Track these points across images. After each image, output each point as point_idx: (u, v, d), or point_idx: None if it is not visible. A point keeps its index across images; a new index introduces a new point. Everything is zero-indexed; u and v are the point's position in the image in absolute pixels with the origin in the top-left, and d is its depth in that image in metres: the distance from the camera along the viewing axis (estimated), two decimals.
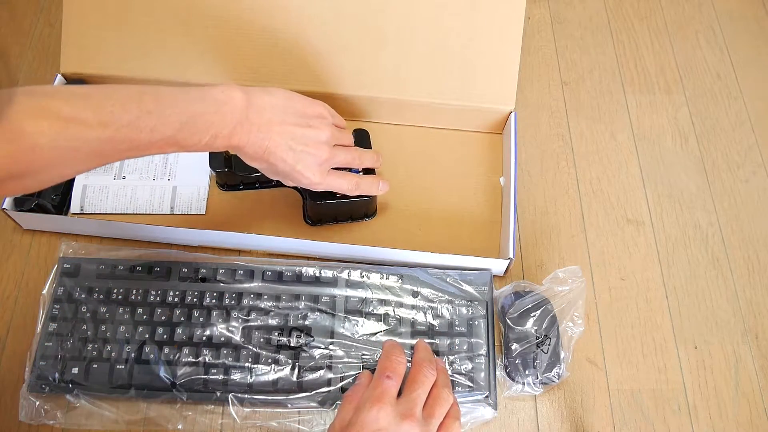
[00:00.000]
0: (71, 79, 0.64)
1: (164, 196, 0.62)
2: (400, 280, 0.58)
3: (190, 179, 0.63)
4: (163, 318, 0.55)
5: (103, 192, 0.62)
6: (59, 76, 0.63)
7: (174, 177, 0.63)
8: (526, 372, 0.55)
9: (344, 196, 0.57)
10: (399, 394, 0.45)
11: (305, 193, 0.59)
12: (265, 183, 0.62)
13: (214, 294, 0.56)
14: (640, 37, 0.79)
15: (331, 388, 0.53)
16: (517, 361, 0.56)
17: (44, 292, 0.57)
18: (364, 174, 0.57)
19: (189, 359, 0.53)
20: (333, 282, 0.57)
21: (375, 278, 0.58)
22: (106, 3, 0.62)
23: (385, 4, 0.62)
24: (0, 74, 0.70)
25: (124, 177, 0.63)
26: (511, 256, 0.57)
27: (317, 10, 0.62)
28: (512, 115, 0.64)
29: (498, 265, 0.59)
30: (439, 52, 0.63)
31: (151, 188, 0.62)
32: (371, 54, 0.63)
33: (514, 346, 0.56)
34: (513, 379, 0.56)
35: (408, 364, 0.47)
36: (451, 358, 0.55)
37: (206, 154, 0.60)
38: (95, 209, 0.61)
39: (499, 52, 0.63)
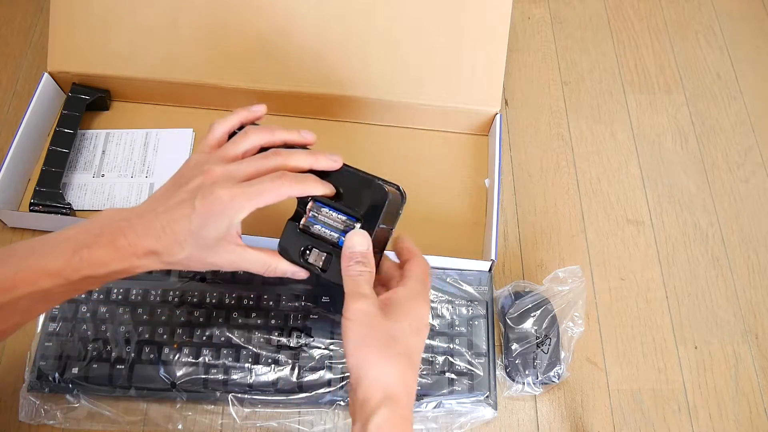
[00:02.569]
0: (58, 78, 0.64)
1: (141, 194, 0.62)
2: None
3: (167, 176, 0.63)
4: (163, 318, 0.55)
5: (82, 189, 0.63)
6: (46, 74, 0.63)
7: (152, 174, 0.64)
8: (526, 372, 0.55)
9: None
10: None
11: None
12: None
13: (214, 294, 0.56)
14: (640, 37, 0.79)
15: (331, 388, 0.53)
16: (517, 361, 0.56)
17: None
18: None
19: (189, 359, 0.53)
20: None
21: None
22: (93, 2, 0.62)
23: (371, 4, 0.62)
24: (0, 74, 0.70)
25: (102, 175, 0.63)
26: (493, 257, 0.57)
27: (304, 10, 0.62)
28: (497, 116, 0.64)
29: (481, 267, 0.59)
30: (425, 53, 0.63)
31: (129, 185, 0.63)
32: (357, 55, 0.63)
33: (514, 346, 0.56)
34: (513, 379, 0.56)
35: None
36: (451, 358, 0.55)
37: (185, 150, 0.58)
38: (74, 207, 0.61)
39: (485, 53, 0.63)
